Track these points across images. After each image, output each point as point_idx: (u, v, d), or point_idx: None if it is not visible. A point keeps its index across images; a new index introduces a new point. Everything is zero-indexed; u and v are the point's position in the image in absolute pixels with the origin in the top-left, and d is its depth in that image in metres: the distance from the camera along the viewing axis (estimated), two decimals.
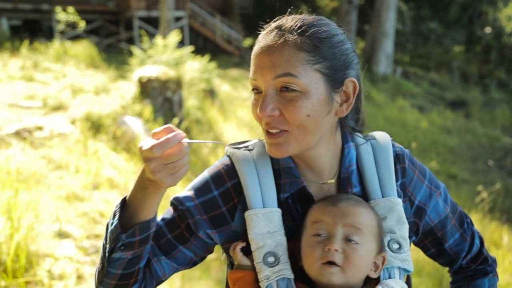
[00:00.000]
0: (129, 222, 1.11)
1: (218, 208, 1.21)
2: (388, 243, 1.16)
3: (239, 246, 1.19)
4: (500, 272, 1.48)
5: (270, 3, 22.59)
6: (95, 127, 7.05)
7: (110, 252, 1.12)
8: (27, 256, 3.49)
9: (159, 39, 10.72)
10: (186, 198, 1.22)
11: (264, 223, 1.14)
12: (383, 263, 1.14)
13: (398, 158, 1.26)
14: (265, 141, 1.15)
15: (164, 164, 0.98)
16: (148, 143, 0.99)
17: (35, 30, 17.72)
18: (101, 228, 4.53)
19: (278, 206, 1.18)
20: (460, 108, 16.11)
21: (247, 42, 21.36)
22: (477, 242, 1.38)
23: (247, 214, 1.16)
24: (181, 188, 4.28)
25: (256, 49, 1.12)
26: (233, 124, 9.66)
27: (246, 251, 1.19)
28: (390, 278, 1.14)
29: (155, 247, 1.22)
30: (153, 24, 18.67)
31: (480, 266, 1.38)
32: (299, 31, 1.07)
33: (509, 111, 15.99)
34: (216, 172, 1.24)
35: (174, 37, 10.78)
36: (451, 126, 13.52)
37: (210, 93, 10.78)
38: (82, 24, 12.85)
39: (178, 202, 1.23)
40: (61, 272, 3.60)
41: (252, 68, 1.12)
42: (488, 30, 25.33)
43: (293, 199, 1.20)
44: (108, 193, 5.35)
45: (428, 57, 23.64)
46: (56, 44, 12.73)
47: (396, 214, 1.18)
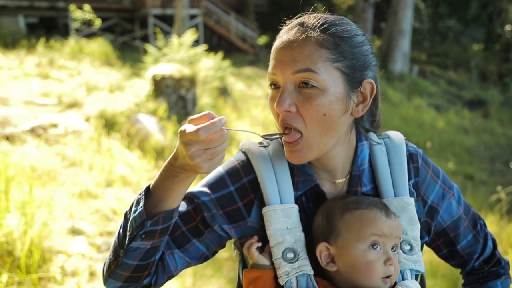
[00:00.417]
0: (152, 210, 1.11)
1: (234, 203, 1.21)
2: (400, 244, 1.16)
3: (255, 245, 1.19)
4: None
5: (285, 1, 22.44)
6: (109, 124, 7.08)
7: (130, 241, 1.12)
8: (40, 252, 3.51)
9: (174, 37, 10.71)
10: (201, 193, 1.22)
11: (282, 219, 1.15)
12: None
13: (411, 158, 1.26)
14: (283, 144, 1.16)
15: (204, 149, 0.98)
16: (191, 127, 0.98)
17: (51, 27, 17.86)
18: (114, 226, 4.54)
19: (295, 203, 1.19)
20: (478, 107, 15.90)
21: (261, 40, 21.23)
22: (490, 244, 1.37)
23: (265, 210, 1.17)
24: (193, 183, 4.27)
25: (277, 44, 1.12)
26: (246, 123, 9.61)
27: (260, 250, 1.20)
28: (403, 279, 1.15)
29: (169, 240, 1.22)
30: (167, 22, 18.69)
31: (493, 268, 1.38)
32: (321, 28, 1.08)
33: None
34: (232, 168, 1.24)
35: (189, 35, 10.78)
36: (469, 126, 13.35)
37: (224, 91, 10.76)
38: (98, 22, 12.91)
39: (193, 196, 1.23)
40: (73, 269, 3.62)
41: (271, 62, 1.12)
42: (508, 28, 24.82)
43: (306, 197, 1.21)
44: (121, 190, 5.37)
45: (446, 55, 23.30)
46: (72, 42, 12.83)
47: (408, 214, 1.18)
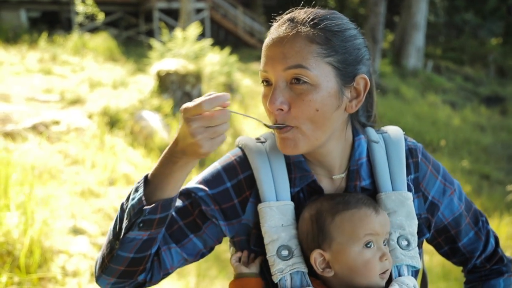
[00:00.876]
0: (151, 198, 1.10)
1: (230, 200, 1.21)
2: (397, 240, 1.15)
3: (234, 257, 1.21)
4: None
5: None
6: (112, 121, 7.05)
7: (127, 230, 1.11)
8: (41, 252, 3.47)
9: (178, 32, 10.59)
10: (198, 189, 1.22)
11: (278, 216, 1.15)
12: None
13: (410, 152, 1.26)
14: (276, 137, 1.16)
15: (205, 127, 0.99)
16: (193, 102, 1.00)
17: (53, 22, 17.80)
18: None
19: (291, 200, 1.18)
20: (495, 104, 15.67)
21: None
22: (492, 241, 1.36)
23: (260, 206, 1.16)
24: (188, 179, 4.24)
25: (267, 41, 1.12)
26: (254, 119, 9.49)
27: (257, 247, 1.20)
28: (400, 275, 1.14)
29: (166, 235, 1.21)
30: (173, 16, 18.55)
31: (495, 266, 1.37)
32: (311, 23, 1.08)
33: None
34: (229, 164, 1.24)
35: (194, 29, 10.64)
36: (485, 123, 13.15)
37: (231, 87, 10.63)
38: (101, 16, 12.86)
39: (190, 191, 1.23)
40: (75, 269, 3.57)
41: (262, 60, 1.12)
42: None
43: (303, 193, 1.21)
44: (124, 189, 5.32)
45: (462, 50, 23.06)
46: (75, 37, 12.80)
47: (406, 209, 1.17)
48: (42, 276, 3.35)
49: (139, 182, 1.12)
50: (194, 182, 1.24)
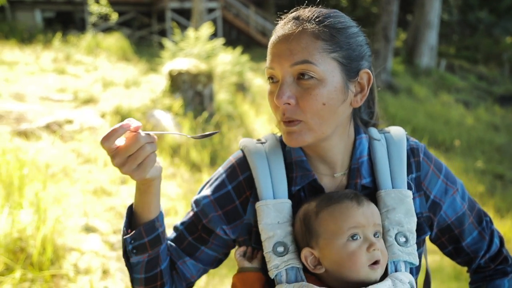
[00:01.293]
0: (136, 226, 1.19)
1: (232, 202, 1.25)
2: (395, 236, 1.16)
3: (239, 251, 1.24)
4: None
5: None
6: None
7: (127, 258, 1.20)
8: (53, 249, 3.48)
9: (190, 31, 10.62)
10: (203, 196, 1.28)
11: (274, 213, 1.17)
12: None
13: (412, 152, 1.27)
14: (280, 132, 1.18)
15: (125, 158, 1.01)
16: None
17: (67, 22, 17.95)
18: None
19: (289, 198, 1.21)
20: (510, 103, 15.47)
21: None
22: (496, 241, 1.36)
23: (257, 205, 1.20)
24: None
25: (273, 38, 1.15)
26: (265, 119, 9.47)
27: (257, 244, 1.23)
28: (397, 271, 1.14)
29: (179, 250, 1.28)
30: (185, 16, 18.59)
31: (500, 266, 1.36)
32: (316, 20, 1.11)
33: None
34: (230, 167, 1.29)
35: (206, 29, 10.65)
36: (500, 122, 12.97)
37: (242, 87, 10.62)
38: (115, 16, 12.89)
39: (195, 204, 1.29)
40: (86, 266, 3.58)
41: (269, 57, 1.15)
42: None
43: (304, 192, 1.23)
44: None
45: (476, 49, 22.75)
46: (88, 37, 12.85)
47: (405, 206, 1.18)
48: (55, 273, 3.36)
49: (126, 213, 1.20)
50: (203, 189, 1.31)
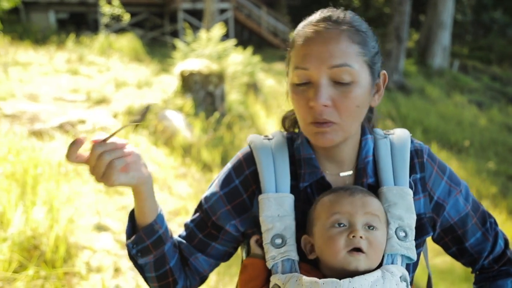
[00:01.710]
0: (137, 230, 1.24)
1: (240, 196, 1.27)
2: (395, 230, 1.17)
3: (254, 238, 1.25)
4: None
5: None
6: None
7: (134, 261, 1.26)
8: (66, 247, 3.52)
9: (202, 32, 10.65)
10: (212, 193, 1.30)
11: (275, 206, 1.19)
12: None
13: (416, 153, 1.28)
14: (306, 131, 1.16)
15: (93, 168, 1.05)
16: None
17: (81, 23, 18.09)
18: None
19: (297, 194, 1.22)
20: None
21: (294, 34, 20.82)
22: (501, 242, 1.36)
23: (260, 197, 1.22)
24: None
25: (304, 38, 1.13)
26: (275, 119, 9.48)
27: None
28: (392, 264, 1.14)
29: (190, 247, 1.31)
30: (197, 17, 18.64)
31: (504, 267, 1.37)
32: (349, 23, 1.12)
33: None
34: (237, 162, 1.31)
35: (218, 30, 10.68)
36: None
37: (254, 87, 10.61)
38: (127, 17, 12.96)
39: (204, 201, 1.32)
40: (98, 265, 3.61)
41: (301, 58, 1.12)
42: None
43: (311, 189, 1.25)
44: None
45: (490, 49, 22.43)
46: (101, 37, 12.91)
47: (406, 203, 1.19)
48: (67, 271, 3.39)
49: (128, 218, 1.27)
50: (210, 185, 1.33)
